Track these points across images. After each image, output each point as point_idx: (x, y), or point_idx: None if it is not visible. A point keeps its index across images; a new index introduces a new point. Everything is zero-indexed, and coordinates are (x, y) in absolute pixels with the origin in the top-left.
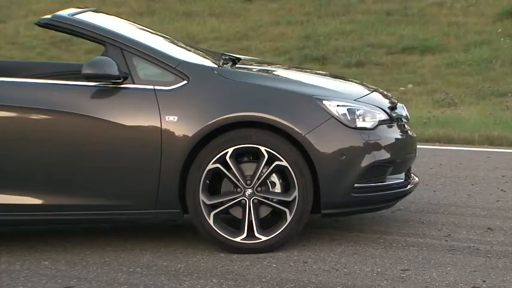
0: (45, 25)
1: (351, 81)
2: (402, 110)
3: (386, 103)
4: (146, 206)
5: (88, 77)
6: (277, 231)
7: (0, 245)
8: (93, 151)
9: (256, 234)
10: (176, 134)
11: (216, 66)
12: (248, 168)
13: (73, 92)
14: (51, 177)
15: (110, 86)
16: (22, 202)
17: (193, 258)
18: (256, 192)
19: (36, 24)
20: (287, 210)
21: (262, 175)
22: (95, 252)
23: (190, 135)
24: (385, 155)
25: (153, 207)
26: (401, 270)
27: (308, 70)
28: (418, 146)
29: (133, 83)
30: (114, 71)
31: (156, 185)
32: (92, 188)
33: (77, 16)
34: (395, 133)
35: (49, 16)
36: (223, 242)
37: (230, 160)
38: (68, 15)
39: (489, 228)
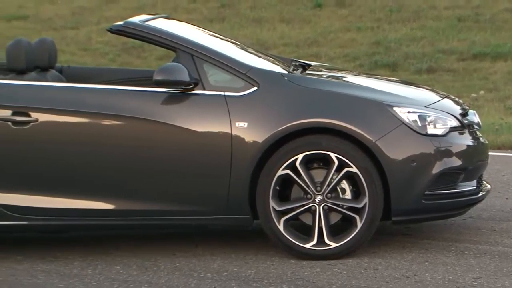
0: (117, 31)
1: (422, 88)
2: (473, 116)
3: (457, 109)
4: (217, 212)
5: (159, 83)
6: (347, 237)
7: (73, 249)
8: (164, 157)
9: (326, 241)
10: (246, 140)
11: (286, 72)
12: (318, 174)
13: (144, 98)
14: (123, 183)
15: (180, 92)
16: (94, 207)
17: (263, 264)
18: (326, 199)
19: (108, 30)
20: (357, 217)
21: (332, 182)
22: (166, 257)
23: (260, 141)
24: (456, 162)
25: (223, 212)
26: (473, 278)
27: (379, 76)
28: (490, 153)
29: (204, 89)
30: (185, 77)
31: (226, 191)
32: (163, 193)
33: (149, 23)
34: (466, 140)
35: (121, 23)
36: (293, 248)
37: (300, 166)
38: (139, 21)
39: None
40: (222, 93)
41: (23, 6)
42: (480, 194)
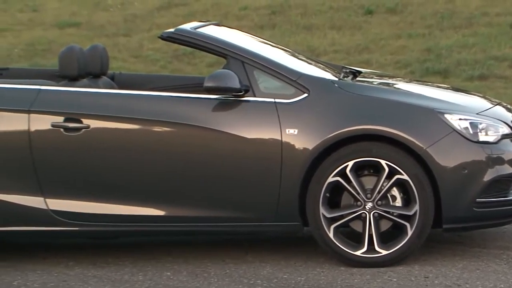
0: (168, 38)
1: (474, 95)
2: None
3: (509, 116)
4: (266, 219)
5: (209, 90)
6: (398, 245)
7: (123, 255)
8: (214, 164)
9: (377, 248)
10: (297, 147)
11: (336, 79)
12: (369, 181)
13: (194, 105)
14: (172, 189)
15: (231, 99)
16: (144, 213)
17: (313, 271)
18: (376, 206)
19: (159, 37)
20: (408, 224)
21: (383, 189)
22: (216, 264)
23: (310, 148)
24: (508, 169)
25: (273, 219)
26: None
27: (430, 83)
28: None
29: (254, 96)
30: (236, 84)
31: (276, 198)
32: (213, 200)
33: (200, 30)
34: None
35: (172, 30)
36: (343, 255)
37: (350, 173)
38: (190, 28)
39: None
40: (272, 100)
41: (76, 13)
42: None
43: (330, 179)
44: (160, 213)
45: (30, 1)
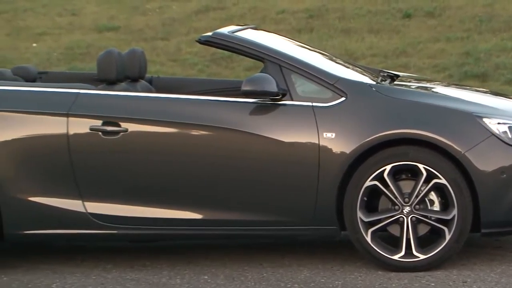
0: (206, 42)
1: None
2: None
3: None
4: (304, 222)
5: (247, 94)
6: (436, 249)
7: (161, 258)
8: (251, 167)
9: (414, 252)
10: (334, 151)
11: (374, 83)
12: (406, 185)
13: (232, 109)
14: (210, 193)
15: (268, 103)
16: (182, 216)
17: (351, 275)
18: (414, 210)
19: (197, 41)
20: (446, 229)
21: (421, 193)
22: (253, 268)
23: (347, 152)
24: None
25: (310, 223)
26: None
27: (468, 87)
28: None
29: (292, 99)
30: (273, 88)
31: (313, 202)
32: (250, 203)
33: (237, 34)
34: None
35: (210, 34)
36: (380, 259)
37: (388, 178)
38: (228, 32)
39: None
40: (309, 103)
41: (114, 17)
42: None
43: (368, 183)
44: (198, 216)
45: (70, 5)
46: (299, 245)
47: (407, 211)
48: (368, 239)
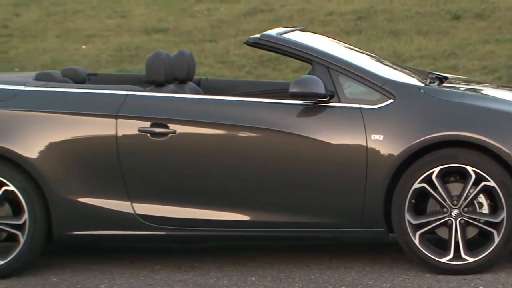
0: (254, 44)
1: None
2: None
3: None
4: (351, 224)
5: (295, 95)
6: (484, 252)
7: (209, 260)
8: (299, 169)
9: (463, 255)
10: (382, 153)
11: (422, 84)
12: (455, 188)
13: (280, 110)
14: (257, 194)
15: (316, 105)
16: (230, 218)
17: (399, 278)
18: (462, 213)
19: (245, 43)
20: (494, 232)
21: (469, 196)
22: (301, 269)
23: (395, 154)
24: None
25: (358, 225)
26: None
27: None
28: None
29: (339, 101)
30: (321, 89)
31: (361, 204)
32: (298, 205)
33: (285, 35)
34: None
35: (257, 36)
36: (428, 262)
37: (436, 180)
38: (276, 34)
39: None
40: (357, 105)
41: (163, 19)
42: None
43: (416, 185)
44: (245, 218)
45: (119, 7)
46: (347, 247)
47: (456, 213)
48: (416, 241)
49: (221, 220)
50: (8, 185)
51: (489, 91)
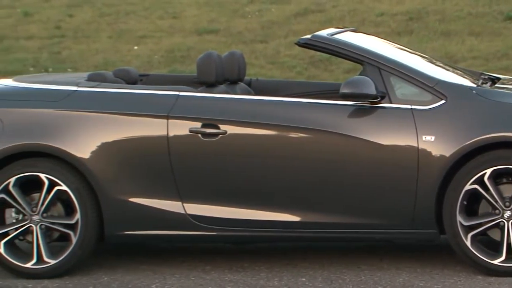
0: (305, 45)
1: None
2: None
3: None
4: (402, 226)
5: (345, 96)
6: None
7: (259, 260)
8: (349, 170)
9: None
10: (433, 154)
11: (474, 85)
12: (507, 189)
13: (330, 111)
14: (308, 195)
15: (367, 105)
16: (280, 219)
17: (450, 279)
18: None
19: (296, 44)
20: None
21: None
22: (351, 270)
23: (447, 155)
24: None
25: (409, 226)
26: None
27: None
28: None
29: (390, 102)
30: (372, 90)
31: (412, 205)
32: (349, 206)
33: (336, 36)
34: None
35: (308, 36)
36: (480, 264)
37: (488, 181)
38: (327, 35)
39: None
40: (409, 106)
41: (214, 20)
42: None
43: (468, 186)
44: (296, 219)
45: (171, 8)
46: (398, 248)
47: (508, 215)
48: (468, 243)
49: (272, 221)
50: (60, 185)
51: None
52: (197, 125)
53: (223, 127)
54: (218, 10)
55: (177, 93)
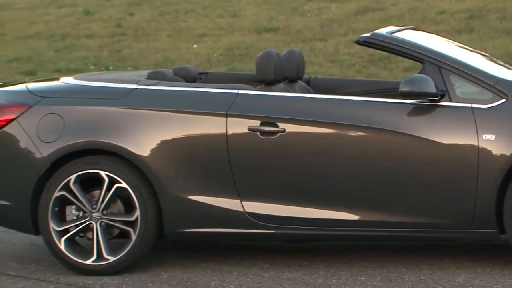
0: (364, 43)
1: None
2: None
3: None
4: (462, 225)
5: (405, 95)
6: None
7: (318, 259)
8: (409, 169)
9: None
10: (494, 153)
11: None
12: None
13: (390, 110)
14: (368, 194)
15: (427, 104)
16: (339, 217)
17: (510, 279)
18: None
19: (355, 42)
20: None
21: None
22: (411, 270)
23: (508, 154)
24: None
25: (468, 226)
26: None
27: None
28: None
29: (450, 101)
30: (432, 89)
31: (472, 204)
32: (407, 205)
33: (396, 34)
34: None
35: (368, 34)
36: None
37: None
38: (387, 33)
39: None
40: (469, 105)
41: (273, 19)
42: None
43: None
44: (354, 217)
45: (230, 6)
46: (457, 248)
47: None
48: None
49: (330, 219)
50: (120, 183)
51: None
52: (256, 123)
53: (282, 125)
54: (277, 8)
55: (236, 91)
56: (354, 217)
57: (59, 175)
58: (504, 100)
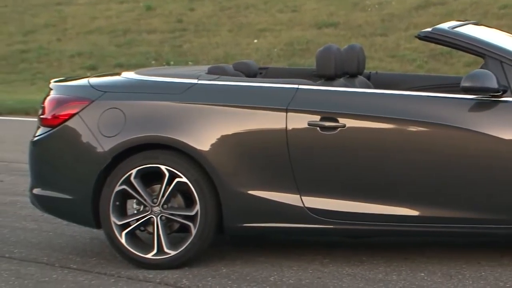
0: (425, 38)
1: None
2: None
3: None
4: None
5: (466, 90)
6: None
7: (377, 254)
8: (469, 164)
9: None
10: None
11: None
12: None
13: (451, 105)
14: (426, 189)
15: (488, 100)
16: (399, 213)
17: None
18: None
19: (416, 37)
20: None
21: None
22: (471, 266)
23: None
24: None
25: None
26: None
27: None
28: None
29: None
30: (494, 84)
31: None
32: (468, 201)
33: (457, 29)
34: None
35: (429, 29)
36: None
37: None
38: (448, 28)
39: None
40: None
41: (334, 14)
42: None
43: None
44: (415, 213)
45: (290, 1)
46: None
47: None
48: None
49: (390, 215)
50: (181, 177)
51: None
52: (316, 118)
53: (342, 121)
54: (337, 3)
55: (296, 86)
56: (414, 212)
57: (120, 169)
58: None
